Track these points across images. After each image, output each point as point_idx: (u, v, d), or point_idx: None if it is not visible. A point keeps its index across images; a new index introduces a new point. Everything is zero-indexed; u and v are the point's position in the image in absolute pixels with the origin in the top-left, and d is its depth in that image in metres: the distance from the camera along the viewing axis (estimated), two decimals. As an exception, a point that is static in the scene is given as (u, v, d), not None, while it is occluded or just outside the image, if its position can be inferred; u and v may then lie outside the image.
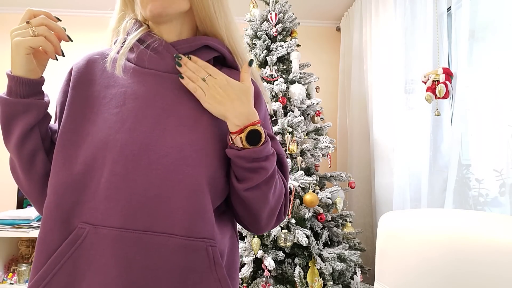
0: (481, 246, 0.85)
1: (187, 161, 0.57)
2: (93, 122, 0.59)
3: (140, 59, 0.64)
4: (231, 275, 0.62)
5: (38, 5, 2.69)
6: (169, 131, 0.58)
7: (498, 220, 0.89)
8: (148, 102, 0.60)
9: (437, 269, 0.96)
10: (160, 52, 0.63)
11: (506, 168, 1.22)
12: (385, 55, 2.08)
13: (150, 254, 0.53)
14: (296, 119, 1.78)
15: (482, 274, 0.83)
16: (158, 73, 0.63)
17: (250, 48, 2.06)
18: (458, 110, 1.39)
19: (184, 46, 0.64)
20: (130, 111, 0.59)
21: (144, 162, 0.56)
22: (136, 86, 0.61)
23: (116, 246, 0.53)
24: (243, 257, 1.60)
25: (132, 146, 0.56)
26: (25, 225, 2.17)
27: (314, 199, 1.65)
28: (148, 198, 0.54)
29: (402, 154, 1.78)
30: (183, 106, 0.61)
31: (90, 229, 0.54)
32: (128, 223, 0.53)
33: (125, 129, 0.57)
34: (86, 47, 2.79)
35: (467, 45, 1.36)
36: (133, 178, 0.55)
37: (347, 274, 1.72)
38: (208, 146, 0.59)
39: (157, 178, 0.55)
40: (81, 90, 0.63)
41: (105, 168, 0.55)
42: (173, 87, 0.62)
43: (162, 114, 0.59)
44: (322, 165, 2.38)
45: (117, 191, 0.54)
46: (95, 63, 0.66)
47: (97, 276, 0.53)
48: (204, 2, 0.63)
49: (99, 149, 0.56)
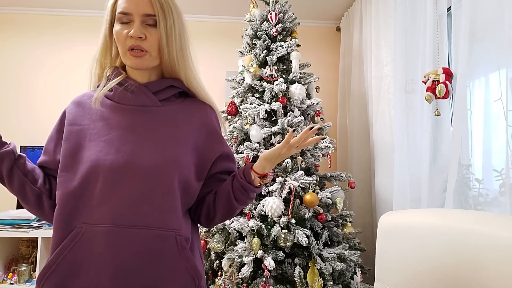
0: (481, 246, 0.85)
1: (161, 172, 0.77)
2: (87, 148, 0.78)
3: (120, 97, 0.84)
4: (194, 254, 0.84)
5: (38, 5, 2.69)
6: (146, 151, 0.78)
7: (498, 220, 0.89)
8: (128, 130, 0.80)
9: (437, 269, 0.96)
10: (134, 92, 0.84)
11: (506, 168, 1.21)
12: (385, 55, 2.08)
13: (134, 242, 0.73)
14: (296, 119, 1.78)
15: (482, 274, 0.83)
16: (134, 107, 0.83)
17: (250, 48, 2.06)
18: (458, 110, 1.39)
19: (154, 86, 0.85)
20: (115, 137, 0.79)
21: (128, 175, 0.75)
22: (118, 118, 0.82)
23: (108, 238, 0.72)
24: (243, 257, 1.60)
25: (118, 163, 0.75)
26: (25, 225, 2.17)
27: (314, 199, 1.65)
28: (132, 201, 0.74)
29: (402, 154, 1.78)
30: (156, 133, 0.81)
31: (87, 227, 0.73)
32: (117, 221, 0.73)
33: (112, 152, 0.77)
34: (86, 48, 2.80)
35: (467, 45, 1.36)
36: (120, 187, 0.74)
37: (347, 274, 1.72)
38: (177, 160, 0.80)
39: (138, 185, 0.75)
40: (75, 126, 0.83)
41: (98, 181, 0.74)
42: (146, 118, 0.83)
43: (140, 138, 0.79)
44: (322, 165, 2.38)
45: (108, 197, 0.74)
46: (82, 103, 0.87)
47: (94, 261, 0.72)
48: (171, 61, 0.84)
49: (93, 167, 0.75)
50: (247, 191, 0.85)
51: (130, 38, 0.79)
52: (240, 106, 1.93)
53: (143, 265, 0.73)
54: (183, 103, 0.89)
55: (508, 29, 1.20)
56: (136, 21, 0.79)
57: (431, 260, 0.99)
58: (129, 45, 0.79)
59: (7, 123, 2.66)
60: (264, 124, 1.85)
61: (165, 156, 0.78)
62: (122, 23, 0.80)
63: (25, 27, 2.75)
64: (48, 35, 2.76)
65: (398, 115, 1.82)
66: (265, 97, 1.88)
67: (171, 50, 0.82)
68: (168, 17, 0.81)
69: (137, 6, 0.79)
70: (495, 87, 1.29)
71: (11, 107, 2.68)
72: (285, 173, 1.73)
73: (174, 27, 0.82)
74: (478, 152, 1.40)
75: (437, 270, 0.96)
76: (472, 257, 0.86)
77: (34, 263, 2.26)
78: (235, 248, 1.67)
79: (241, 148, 1.83)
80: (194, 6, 2.71)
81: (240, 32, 2.30)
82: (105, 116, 0.82)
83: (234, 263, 1.64)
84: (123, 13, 0.79)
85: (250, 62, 2.02)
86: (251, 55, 2.02)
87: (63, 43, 2.76)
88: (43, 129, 2.67)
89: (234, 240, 1.75)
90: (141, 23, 0.79)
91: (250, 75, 1.96)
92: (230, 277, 1.65)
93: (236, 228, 1.70)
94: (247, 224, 1.67)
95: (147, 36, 0.79)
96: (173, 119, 0.85)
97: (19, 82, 2.71)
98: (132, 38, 0.78)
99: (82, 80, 2.97)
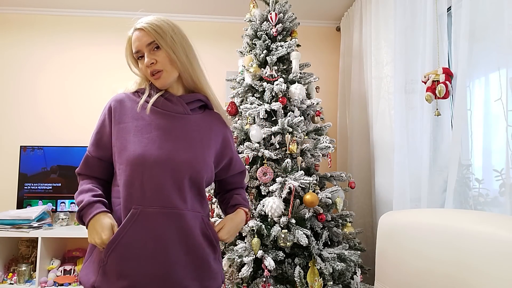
0: (481, 246, 0.85)
1: (192, 166, 0.97)
2: (132, 142, 0.96)
3: (161, 104, 1.02)
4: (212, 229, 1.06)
5: (38, 5, 2.69)
6: (182, 149, 0.98)
7: (498, 220, 0.89)
8: (167, 131, 0.99)
9: (437, 268, 0.96)
10: (173, 101, 1.04)
11: (506, 168, 1.21)
12: (385, 55, 2.08)
13: (178, 220, 0.94)
14: (296, 119, 1.78)
15: (481, 273, 0.83)
16: (172, 113, 1.03)
17: (250, 48, 2.06)
18: (458, 110, 1.39)
19: (187, 98, 1.06)
20: (156, 136, 0.97)
21: (168, 167, 0.94)
22: (158, 121, 1.00)
23: (158, 217, 0.92)
24: (243, 257, 1.60)
25: (160, 158, 0.94)
26: (25, 225, 2.17)
27: (314, 199, 1.65)
28: (172, 189, 0.94)
29: (402, 154, 1.78)
30: (188, 135, 1.01)
31: (141, 209, 0.92)
32: (164, 204, 0.93)
33: (155, 148, 0.95)
34: (86, 48, 2.80)
35: (467, 45, 1.36)
36: (163, 177, 0.94)
37: (347, 274, 1.72)
38: (204, 159, 1.02)
39: (175, 176, 0.95)
40: (122, 124, 1.00)
41: (145, 173, 0.93)
42: (180, 123, 1.02)
43: (176, 139, 0.99)
44: (322, 165, 2.38)
45: (155, 186, 0.93)
46: (123, 102, 1.03)
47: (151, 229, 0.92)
48: (183, 66, 1.02)
49: (140, 159, 0.93)
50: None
51: (147, 68, 1.00)
52: (240, 106, 1.93)
53: (185, 236, 0.95)
54: (204, 113, 1.11)
55: (508, 29, 1.20)
56: (145, 52, 0.99)
57: (431, 260, 0.99)
58: (149, 72, 1.00)
59: (7, 123, 2.66)
60: (264, 124, 1.85)
61: (196, 155, 0.99)
62: (139, 58, 1.02)
63: (25, 27, 2.75)
64: (48, 35, 2.76)
65: (398, 115, 1.82)
66: (265, 97, 1.88)
67: (180, 56, 1.01)
68: (164, 36, 0.99)
69: (140, 42, 0.99)
70: (495, 87, 1.29)
71: (12, 107, 2.68)
72: (285, 173, 1.73)
73: (175, 44, 1.00)
74: (478, 152, 1.40)
75: (437, 270, 0.96)
76: (472, 257, 0.86)
77: (34, 263, 2.26)
78: (235, 248, 1.67)
79: (241, 148, 1.83)
80: (194, 6, 2.71)
81: (240, 32, 2.30)
82: (145, 117, 1.00)
83: (234, 263, 1.64)
84: (135, 53, 1.01)
85: (250, 62, 2.02)
86: (251, 55, 2.02)
87: (63, 43, 2.76)
88: (44, 129, 2.67)
89: (234, 240, 1.75)
90: (149, 52, 0.99)
91: (250, 75, 1.96)
92: (230, 277, 1.65)
93: (236, 228, 1.70)
94: (247, 224, 1.67)
95: (157, 59, 0.99)
96: (199, 126, 1.06)
97: (20, 82, 2.71)
98: (148, 67, 0.99)
99: (83, 80, 2.98)
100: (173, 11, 2.76)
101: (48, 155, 2.49)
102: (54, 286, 2.20)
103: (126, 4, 2.67)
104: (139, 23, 1.01)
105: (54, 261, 2.30)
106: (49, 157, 2.49)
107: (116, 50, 2.75)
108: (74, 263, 2.35)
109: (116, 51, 2.74)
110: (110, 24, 2.80)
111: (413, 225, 1.09)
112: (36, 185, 2.46)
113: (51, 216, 2.40)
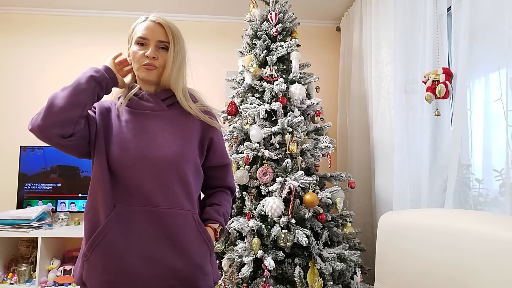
0: (481, 246, 0.85)
1: (171, 162, 0.98)
2: (110, 144, 0.99)
3: (135, 105, 1.06)
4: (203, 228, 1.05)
5: (38, 5, 2.69)
6: (158, 146, 0.99)
7: (498, 220, 0.89)
8: (143, 130, 1.01)
9: (437, 268, 0.96)
10: (147, 99, 1.06)
11: (506, 168, 1.21)
12: (385, 55, 2.08)
13: (160, 218, 0.95)
14: (296, 119, 1.78)
15: (481, 273, 0.83)
16: (146, 112, 1.05)
17: (250, 48, 2.06)
18: (458, 110, 1.39)
19: (162, 95, 1.07)
20: (132, 136, 1.00)
21: (145, 165, 0.97)
22: (133, 121, 1.03)
23: (140, 215, 0.95)
24: (243, 257, 1.60)
25: (137, 157, 0.97)
26: (25, 225, 2.17)
27: (314, 199, 1.65)
28: (153, 187, 0.96)
29: (402, 154, 1.78)
30: (164, 132, 1.02)
31: (125, 207, 0.95)
32: (144, 202, 0.95)
33: (132, 146, 0.98)
34: (86, 48, 2.80)
35: (467, 45, 1.36)
36: (141, 176, 0.96)
37: (347, 274, 1.72)
38: (183, 152, 1.01)
39: (156, 173, 0.97)
40: (102, 124, 1.03)
41: (124, 172, 0.96)
42: (158, 120, 1.04)
43: (153, 137, 1.01)
44: (322, 165, 2.38)
45: (134, 186, 0.96)
46: (103, 105, 1.08)
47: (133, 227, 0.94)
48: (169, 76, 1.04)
49: (118, 158, 0.96)
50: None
51: (145, 58, 1.01)
52: (240, 106, 1.93)
53: (173, 233, 0.96)
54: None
55: (508, 29, 1.20)
56: (151, 45, 1.02)
57: (431, 260, 0.99)
58: (144, 62, 1.02)
59: (7, 123, 2.66)
60: (264, 124, 1.85)
61: (174, 149, 0.99)
62: (139, 44, 1.03)
63: (25, 27, 2.75)
64: (48, 35, 2.76)
65: (398, 115, 1.82)
66: (265, 97, 1.88)
67: (172, 69, 1.04)
68: (176, 44, 1.04)
69: (154, 34, 1.02)
70: (495, 87, 1.29)
71: (12, 107, 2.68)
72: (285, 173, 1.73)
73: (180, 52, 1.05)
74: (478, 152, 1.40)
75: (437, 270, 0.96)
76: (472, 257, 0.86)
77: (34, 263, 2.26)
78: (235, 248, 1.67)
79: (241, 148, 1.83)
80: (194, 6, 2.71)
81: (240, 32, 2.30)
82: (121, 119, 1.04)
83: (234, 263, 1.64)
84: (142, 38, 1.03)
85: (250, 62, 2.02)
86: (251, 55, 2.02)
87: (64, 43, 2.76)
88: (43, 129, 2.67)
89: (234, 240, 1.75)
90: (155, 47, 1.02)
91: (250, 75, 1.96)
92: (230, 277, 1.65)
93: (236, 228, 1.70)
94: (247, 224, 1.67)
95: (159, 56, 1.03)
96: (179, 120, 1.06)
97: (20, 82, 2.71)
98: (147, 58, 1.01)
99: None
100: (173, 11, 2.76)
101: (48, 155, 2.49)
102: (54, 286, 2.21)
103: (126, 4, 2.67)
104: (157, 18, 1.04)
105: (54, 261, 2.30)
106: (49, 157, 2.49)
107: (116, 50, 2.74)
108: (74, 263, 2.35)
109: (116, 51, 2.73)
110: (110, 24, 2.80)
111: (413, 225, 1.09)
112: (36, 185, 2.46)
113: (51, 216, 2.40)
